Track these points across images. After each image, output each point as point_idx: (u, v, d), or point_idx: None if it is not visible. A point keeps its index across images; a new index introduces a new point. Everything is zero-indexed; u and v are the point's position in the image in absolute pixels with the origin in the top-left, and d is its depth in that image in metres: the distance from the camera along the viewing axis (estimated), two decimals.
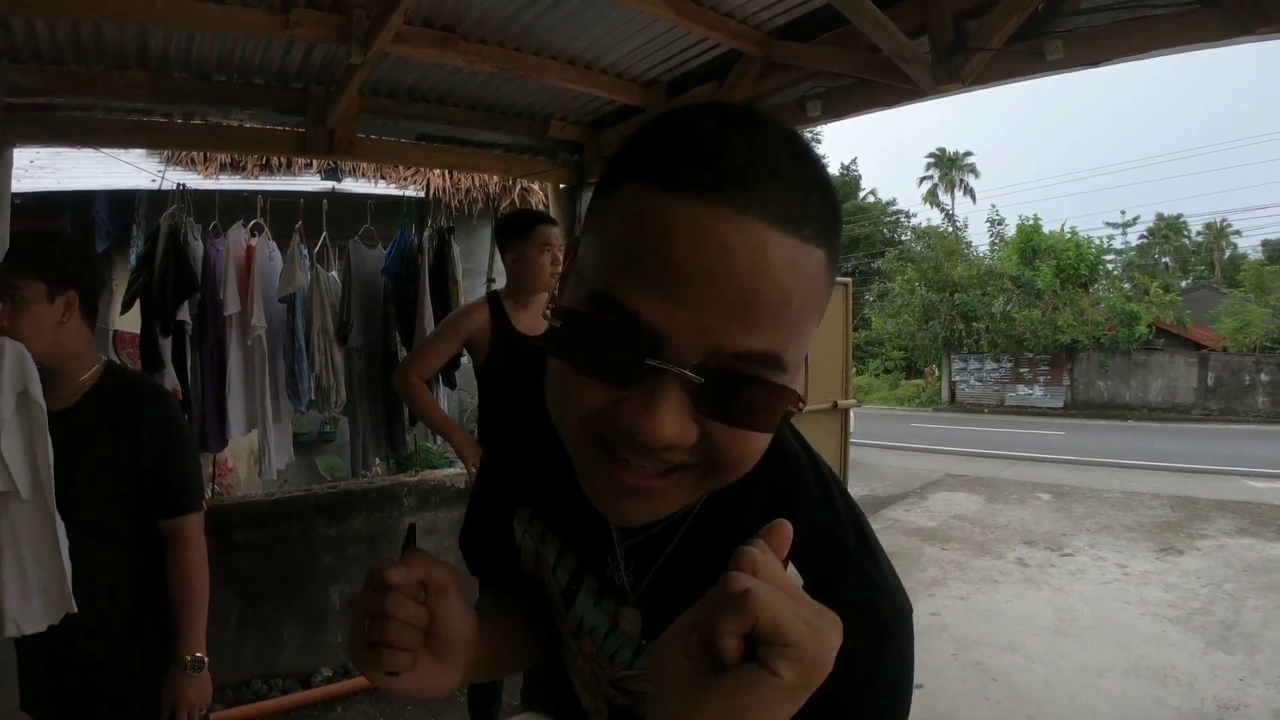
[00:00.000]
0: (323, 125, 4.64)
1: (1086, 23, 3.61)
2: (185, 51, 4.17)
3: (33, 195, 6.93)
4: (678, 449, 0.73)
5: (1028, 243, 30.96)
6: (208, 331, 4.69)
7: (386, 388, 5.11)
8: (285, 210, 5.22)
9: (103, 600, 2.26)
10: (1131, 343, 27.48)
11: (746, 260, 0.68)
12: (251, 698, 4.55)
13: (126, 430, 2.27)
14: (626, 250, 0.71)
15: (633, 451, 0.74)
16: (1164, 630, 5.76)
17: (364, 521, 5.12)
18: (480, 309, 3.67)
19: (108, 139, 4.74)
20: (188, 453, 2.46)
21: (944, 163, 57.39)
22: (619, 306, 0.70)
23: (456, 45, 4.12)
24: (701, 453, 0.75)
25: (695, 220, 0.68)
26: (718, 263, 0.67)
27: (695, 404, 0.71)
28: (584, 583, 1.04)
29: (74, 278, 2.28)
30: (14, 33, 3.78)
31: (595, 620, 1.03)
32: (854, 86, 4.39)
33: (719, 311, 0.68)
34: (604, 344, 0.72)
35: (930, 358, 33.78)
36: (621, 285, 0.70)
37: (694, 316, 0.68)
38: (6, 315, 2.16)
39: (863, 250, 46.29)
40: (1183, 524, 9.18)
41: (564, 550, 1.06)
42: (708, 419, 0.72)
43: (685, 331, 0.69)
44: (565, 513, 1.04)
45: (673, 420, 0.70)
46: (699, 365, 0.69)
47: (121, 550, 2.31)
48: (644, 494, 0.78)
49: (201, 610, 2.41)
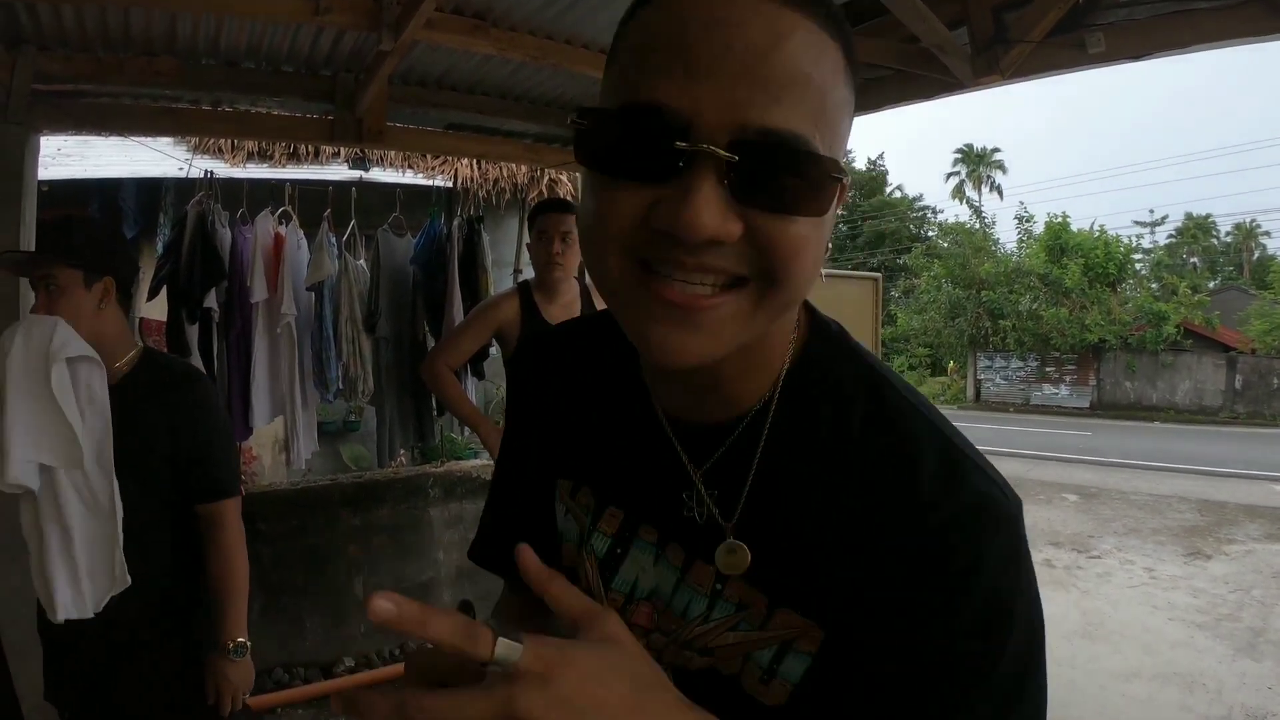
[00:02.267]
0: (351, 113, 4.62)
1: (1128, 15, 3.53)
2: (214, 38, 4.14)
3: (60, 182, 6.94)
4: (724, 247, 0.69)
5: (1056, 240, 30.79)
6: (234, 319, 4.69)
7: (414, 378, 5.08)
8: (313, 199, 5.21)
9: (136, 586, 2.26)
10: (1159, 343, 27.23)
11: (761, 32, 0.67)
12: (273, 686, 4.56)
13: (164, 415, 2.29)
14: (645, 53, 0.71)
15: (676, 262, 0.70)
16: (1191, 636, 5.70)
17: (389, 512, 5.12)
18: (510, 299, 3.67)
19: (135, 126, 4.76)
20: (225, 437, 2.48)
21: (971, 158, 57.16)
22: (642, 102, 0.68)
23: (488, 33, 4.08)
24: (750, 258, 0.70)
25: (708, 5, 0.68)
26: (734, 36, 0.66)
27: (733, 193, 0.67)
28: (634, 541, 0.94)
29: (110, 264, 2.30)
30: (41, 19, 3.77)
31: (656, 579, 0.92)
32: (891, 78, 4.32)
33: (741, 84, 0.66)
34: (632, 138, 0.69)
35: (956, 355, 33.61)
36: (643, 83, 0.69)
37: (716, 92, 0.66)
38: (44, 305, 2.17)
39: (889, 246, 46.10)
40: (1211, 528, 9.09)
41: (603, 511, 0.98)
42: (749, 208, 0.68)
43: (710, 109, 0.66)
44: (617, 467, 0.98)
45: (712, 208, 0.66)
46: (729, 144, 0.66)
47: (157, 535, 2.32)
48: (696, 318, 0.71)
49: (242, 595, 2.43)
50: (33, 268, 2.24)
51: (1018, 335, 29.82)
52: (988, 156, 57.09)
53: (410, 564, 5.24)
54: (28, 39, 3.91)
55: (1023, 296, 29.87)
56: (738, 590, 0.85)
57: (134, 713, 2.34)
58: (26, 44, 3.91)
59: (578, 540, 1.00)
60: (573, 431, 1.03)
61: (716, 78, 0.66)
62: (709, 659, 0.87)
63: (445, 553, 5.38)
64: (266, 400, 4.82)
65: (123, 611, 2.25)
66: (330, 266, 4.81)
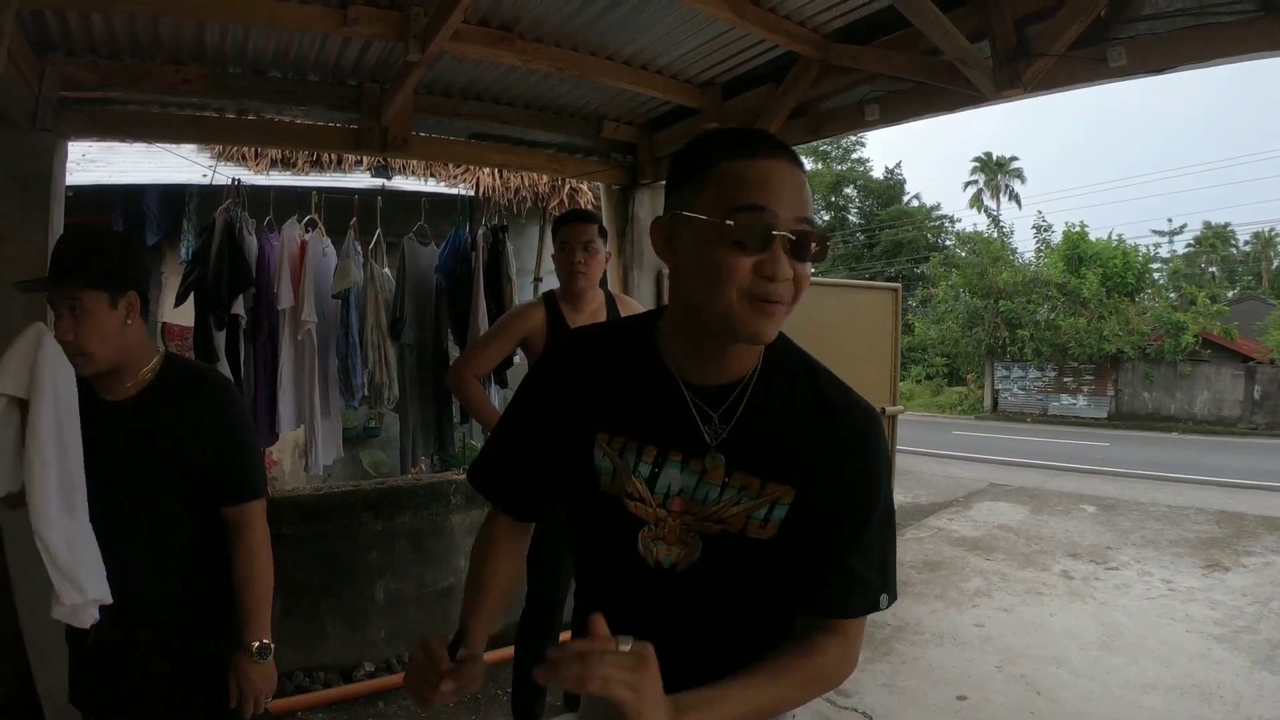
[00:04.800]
0: (377, 122, 4.66)
1: (1150, 29, 3.53)
2: (241, 47, 4.19)
3: (85, 188, 7.00)
4: (788, 282, 1.33)
5: (1074, 250, 30.65)
6: (262, 326, 4.72)
7: (438, 385, 5.12)
8: (339, 207, 5.26)
9: (161, 590, 2.28)
10: (1177, 353, 27.04)
11: (797, 178, 1.35)
12: (293, 690, 4.58)
13: (189, 419, 2.28)
14: (738, 188, 1.32)
15: (771, 291, 1.31)
16: (1209, 648, 5.66)
17: (410, 518, 5.14)
18: (537, 309, 3.68)
19: (161, 134, 4.79)
20: (250, 439, 2.47)
21: (989, 167, 56.90)
22: (756, 206, 1.30)
23: (514, 44, 4.12)
24: (793, 287, 1.34)
25: (775, 164, 1.34)
26: (788, 179, 1.34)
27: (790, 254, 1.32)
28: (667, 461, 1.50)
29: (134, 279, 2.26)
30: (70, 26, 3.82)
31: (685, 481, 1.49)
32: (913, 90, 4.33)
33: (795, 204, 1.32)
34: (750, 227, 1.30)
35: (973, 365, 33.44)
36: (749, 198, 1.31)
37: (787, 207, 1.31)
38: (70, 329, 2.14)
39: (906, 255, 45.96)
40: (1229, 540, 9.03)
41: (644, 447, 1.51)
42: (794, 261, 1.33)
43: (785, 215, 1.31)
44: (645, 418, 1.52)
45: (785, 264, 1.31)
46: (793, 230, 1.32)
47: (182, 539, 2.33)
48: (774, 317, 1.34)
49: (266, 596, 2.44)
50: (58, 288, 2.19)
51: (1035, 345, 29.68)
52: (1006, 165, 56.84)
53: (431, 570, 5.26)
54: (56, 46, 3.96)
55: (1040, 306, 29.74)
56: (739, 479, 1.46)
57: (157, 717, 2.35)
58: (55, 51, 3.96)
59: (612, 472, 1.54)
60: (611, 398, 1.56)
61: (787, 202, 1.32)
62: (721, 525, 1.48)
63: (466, 559, 5.34)
64: (292, 406, 4.85)
65: (148, 616, 2.26)
66: (357, 274, 4.84)
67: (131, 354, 2.27)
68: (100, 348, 2.18)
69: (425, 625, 5.03)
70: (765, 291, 1.31)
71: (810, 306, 7.12)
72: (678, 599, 1.55)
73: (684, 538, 1.51)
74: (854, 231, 51.31)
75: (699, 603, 1.55)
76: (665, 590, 1.54)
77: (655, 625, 1.46)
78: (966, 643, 5.72)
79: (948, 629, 6.02)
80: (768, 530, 1.46)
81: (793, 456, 1.45)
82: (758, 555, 1.48)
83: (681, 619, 1.55)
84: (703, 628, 1.56)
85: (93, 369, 2.19)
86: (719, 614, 1.56)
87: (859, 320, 6.92)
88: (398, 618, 5.10)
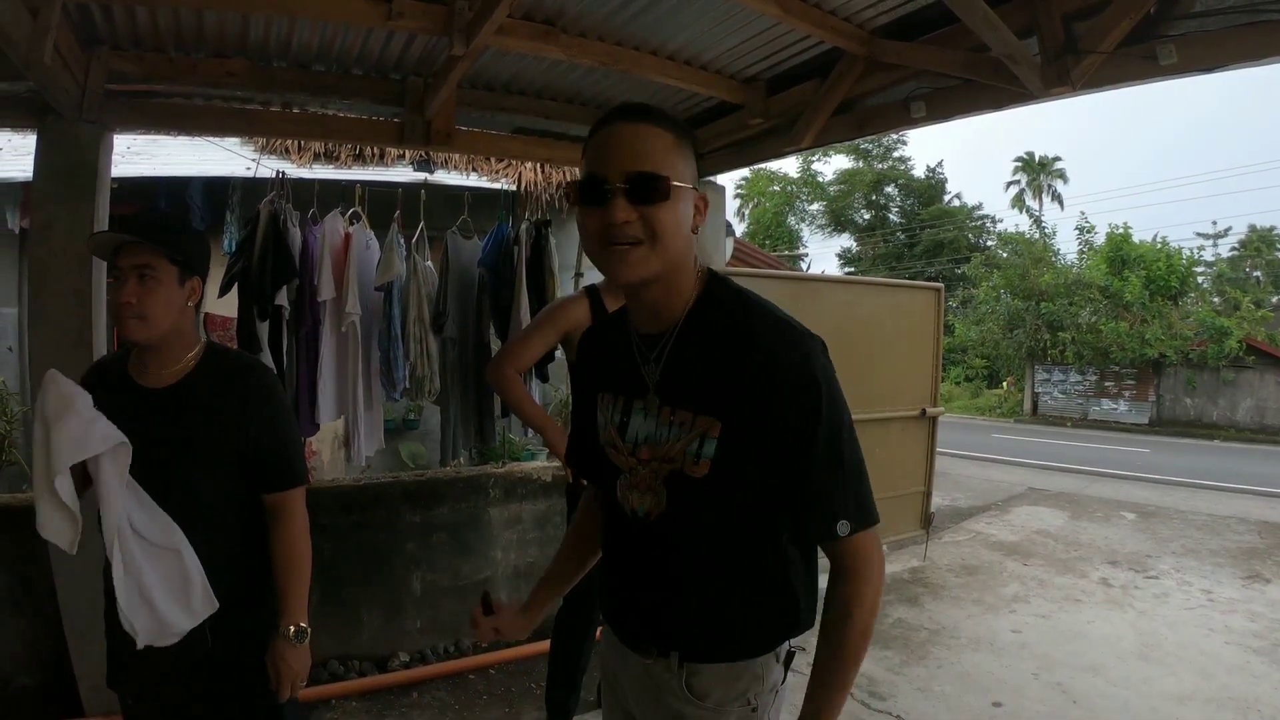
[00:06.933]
0: (421, 116, 4.68)
1: (1200, 26, 3.48)
2: (285, 40, 4.23)
3: (129, 180, 7.07)
4: (631, 223, 1.50)
5: (1117, 252, 30.24)
6: (305, 317, 4.74)
7: (479, 379, 5.12)
8: (382, 200, 5.27)
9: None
10: (1220, 359, 26.55)
11: (632, 135, 1.53)
12: (328, 678, 4.64)
13: (230, 407, 2.30)
14: (587, 158, 1.57)
15: (615, 234, 1.51)
16: (1248, 660, 5.56)
17: (449, 510, 5.18)
18: (580, 303, 3.65)
19: (205, 126, 4.84)
20: (291, 427, 2.50)
21: (1032, 167, 56.17)
22: (590, 170, 1.54)
23: (558, 39, 4.13)
24: (644, 226, 1.51)
25: (611, 129, 1.55)
26: (623, 139, 1.53)
27: (630, 200, 1.50)
28: (633, 409, 1.70)
29: (203, 266, 2.33)
30: (115, 20, 3.87)
31: (648, 428, 1.67)
32: (959, 87, 4.28)
33: (628, 160, 1.51)
34: (591, 190, 1.53)
35: (1014, 367, 33.11)
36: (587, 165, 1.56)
37: (617, 164, 1.51)
38: (135, 293, 2.17)
39: (947, 255, 45.59)
40: (1270, 551, 8.87)
41: (617, 398, 1.75)
42: (637, 204, 1.50)
43: (615, 171, 1.51)
44: (614, 371, 1.76)
45: (622, 209, 1.50)
46: (623, 180, 1.50)
47: (225, 527, 2.35)
48: (627, 257, 1.52)
49: (304, 581, 2.47)
50: (131, 254, 2.20)
51: (1076, 348, 29.29)
52: (1049, 165, 56.06)
53: (468, 562, 5.29)
54: (102, 39, 4.01)
55: (1082, 309, 29.36)
56: (678, 415, 1.61)
57: (192, 701, 2.36)
58: (101, 44, 4.02)
59: (603, 426, 1.78)
60: (606, 366, 1.81)
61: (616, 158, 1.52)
62: (671, 465, 1.62)
63: (504, 552, 5.43)
64: (333, 397, 4.87)
65: None
66: (400, 267, 4.85)
67: (183, 335, 2.31)
68: (162, 315, 2.21)
69: (461, 617, 5.06)
70: (611, 234, 1.51)
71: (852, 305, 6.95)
72: (654, 550, 1.71)
73: (653, 486, 1.66)
74: (894, 230, 50.92)
75: (672, 550, 1.68)
76: (643, 540, 1.71)
77: (639, 575, 1.76)
78: (1003, 649, 5.67)
79: (984, 634, 5.96)
80: (700, 467, 1.57)
81: (718, 388, 1.56)
82: (703, 495, 1.59)
83: (661, 569, 1.71)
84: (685, 578, 1.68)
85: (145, 335, 2.22)
86: (694, 563, 1.67)
87: (900, 320, 6.82)
88: (433, 609, 5.14)
